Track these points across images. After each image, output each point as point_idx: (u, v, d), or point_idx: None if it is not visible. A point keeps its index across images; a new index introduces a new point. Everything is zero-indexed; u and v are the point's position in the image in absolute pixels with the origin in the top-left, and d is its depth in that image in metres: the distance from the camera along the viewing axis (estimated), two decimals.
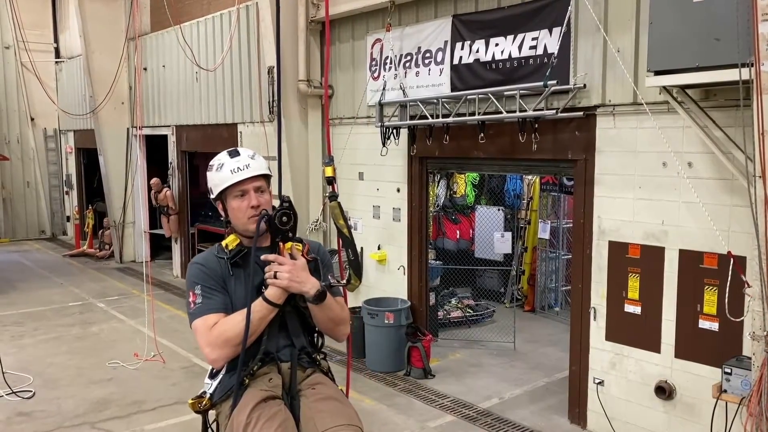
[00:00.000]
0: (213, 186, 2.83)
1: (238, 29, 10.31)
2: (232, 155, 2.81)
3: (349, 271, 3.41)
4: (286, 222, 2.70)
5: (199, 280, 2.76)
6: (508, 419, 6.30)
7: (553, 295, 10.20)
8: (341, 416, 2.66)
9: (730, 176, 4.84)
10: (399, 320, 7.57)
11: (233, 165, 2.77)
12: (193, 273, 2.79)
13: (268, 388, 2.73)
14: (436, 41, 7.29)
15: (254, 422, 2.56)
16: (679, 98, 4.88)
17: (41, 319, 9.94)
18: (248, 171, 2.76)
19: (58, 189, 18.34)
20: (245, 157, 2.80)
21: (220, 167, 2.80)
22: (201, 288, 2.73)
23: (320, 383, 2.84)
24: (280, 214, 2.69)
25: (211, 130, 11.67)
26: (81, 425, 6.23)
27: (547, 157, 6.36)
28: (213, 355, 2.68)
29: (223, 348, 2.65)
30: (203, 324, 2.70)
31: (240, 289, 2.77)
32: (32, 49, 16.40)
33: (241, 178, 2.75)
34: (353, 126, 8.50)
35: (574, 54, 5.93)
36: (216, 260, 2.81)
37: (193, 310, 2.74)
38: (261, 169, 2.81)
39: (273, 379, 2.76)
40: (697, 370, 5.20)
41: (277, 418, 2.59)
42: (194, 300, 2.73)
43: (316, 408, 2.70)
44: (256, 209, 2.74)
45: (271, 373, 2.77)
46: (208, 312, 2.71)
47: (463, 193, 11.02)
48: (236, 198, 2.77)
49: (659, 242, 5.39)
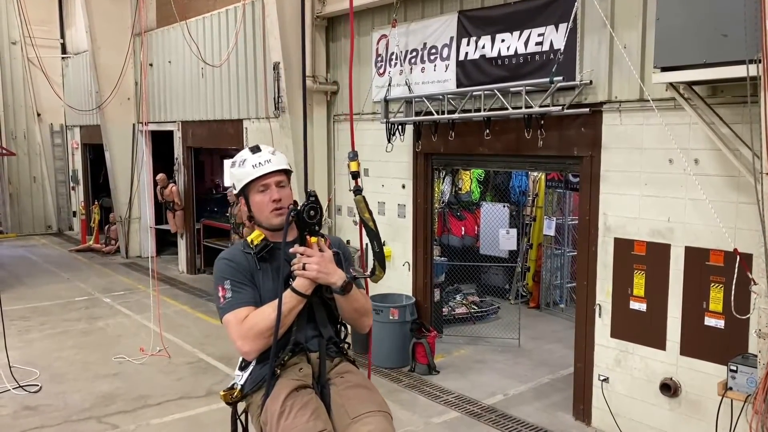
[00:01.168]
0: (236, 181, 2.94)
1: (244, 25, 10.31)
2: (254, 151, 2.92)
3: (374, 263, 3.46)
4: (314, 216, 2.75)
5: (228, 275, 2.81)
6: (512, 416, 6.30)
7: (558, 291, 10.19)
8: (371, 403, 2.74)
9: (736, 173, 4.82)
10: (404, 316, 7.59)
11: (255, 160, 2.87)
12: (222, 268, 2.85)
13: (299, 377, 2.78)
14: (441, 37, 7.28)
15: (288, 410, 2.62)
16: (686, 95, 4.86)
17: (48, 314, 9.99)
18: (269, 165, 2.87)
19: (64, 184, 18.42)
20: (266, 153, 2.90)
21: (243, 163, 2.90)
22: (230, 282, 2.79)
23: (348, 371, 2.92)
24: (308, 207, 2.74)
25: (216, 126, 11.69)
26: (87, 419, 6.26)
27: (552, 153, 6.34)
28: (245, 348, 2.73)
29: (255, 340, 2.71)
30: (234, 317, 2.75)
31: (268, 282, 2.84)
32: (39, 44, 16.45)
33: (262, 172, 2.85)
34: (358, 122, 8.49)
35: (581, 50, 5.91)
36: (243, 255, 2.87)
37: (224, 305, 2.78)
38: (281, 164, 2.91)
39: (303, 369, 2.82)
40: (702, 368, 5.19)
41: (309, 406, 2.65)
42: (224, 295, 2.78)
43: (347, 395, 2.77)
44: (278, 203, 2.84)
45: (301, 363, 2.84)
46: (239, 306, 2.76)
47: (468, 190, 11.02)
48: (258, 192, 2.87)
49: (665, 239, 5.38)
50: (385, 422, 2.69)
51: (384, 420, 2.69)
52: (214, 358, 7.98)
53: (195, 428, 6.12)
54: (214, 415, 6.35)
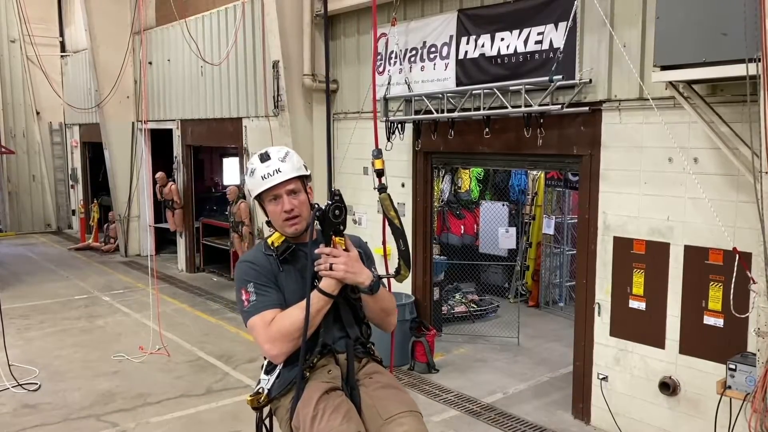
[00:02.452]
0: (248, 190, 2.88)
1: (243, 23, 10.31)
2: (263, 159, 2.80)
3: (399, 262, 3.43)
4: (339, 215, 2.70)
5: (251, 277, 2.75)
6: (512, 414, 6.31)
7: (558, 290, 10.19)
8: (402, 403, 2.72)
9: (736, 172, 4.82)
10: (403, 315, 7.58)
11: (264, 171, 2.77)
12: (244, 271, 2.78)
13: (329, 379, 2.75)
14: (441, 36, 7.27)
15: (321, 413, 2.59)
16: (686, 93, 4.86)
17: (47, 312, 9.99)
18: (279, 176, 2.76)
19: (63, 183, 18.41)
20: (275, 161, 2.78)
21: (252, 173, 2.81)
22: (254, 285, 2.73)
23: (377, 372, 2.90)
24: (332, 207, 2.69)
25: (216, 125, 11.68)
26: (87, 418, 6.26)
27: (552, 152, 6.34)
28: (274, 351, 2.68)
29: (284, 342, 2.66)
30: (261, 320, 2.69)
31: (291, 284, 2.79)
32: (38, 43, 16.46)
33: (271, 184, 2.76)
34: (358, 120, 8.50)
35: (580, 49, 5.90)
36: (265, 257, 2.82)
37: (248, 308, 2.72)
38: (292, 172, 2.79)
39: (332, 371, 2.79)
40: (701, 366, 5.19)
41: (341, 409, 2.62)
42: (248, 298, 2.72)
43: (377, 396, 2.74)
44: (290, 213, 2.77)
45: (330, 364, 2.80)
46: (265, 308, 2.71)
47: (467, 188, 11.01)
48: (270, 202, 2.80)
49: (664, 238, 5.38)
50: (418, 423, 2.67)
51: (417, 420, 2.68)
52: (213, 356, 7.99)
53: (194, 426, 6.12)
54: (213, 413, 6.36)
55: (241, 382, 7.07)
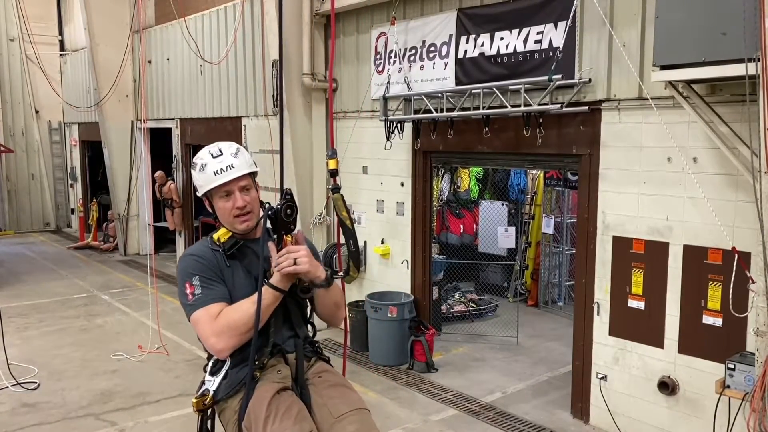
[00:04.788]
0: (198, 186, 2.84)
1: (243, 22, 10.30)
2: (215, 155, 2.78)
3: (348, 263, 3.47)
4: (290, 214, 2.73)
5: (196, 271, 2.73)
6: (510, 413, 6.31)
7: (557, 290, 10.19)
8: (352, 402, 2.75)
9: (735, 172, 4.82)
10: (402, 314, 7.58)
11: (216, 166, 2.75)
12: (189, 264, 2.76)
13: (279, 379, 2.75)
14: (441, 35, 7.27)
15: (273, 414, 2.59)
16: (685, 93, 4.86)
17: (46, 311, 9.98)
18: (232, 172, 2.75)
19: (62, 181, 18.38)
20: (228, 157, 2.77)
21: (203, 168, 2.78)
22: (200, 279, 2.71)
23: (326, 371, 2.91)
24: (285, 206, 2.71)
25: (215, 124, 11.67)
26: (86, 416, 6.26)
27: (551, 151, 6.34)
28: (219, 345, 2.66)
29: (231, 337, 2.64)
30: (206, 314, 2.68)
31: (239, 279, 2.78)
32: (37, 41, 16.44)
33: (224, 180, 2.74)
34: (357, 120, 8.49)
35: (580, 48, 5.91)
36: (211, 252, 2.80)
37: (192, 301, 2.70)
38: (245, 169, 2.79)
39: (282, 371, 2.79)
40: (700, 366, 5.20)
41: (293, 409, 2.63)
42: (192, 291, 2.70)
43: (328, 395, 2.76)
44: (242, 209, 2.76)
45: (279, 364, 2.80)
46: (211, 302, 2.69)
47: (467, 188, 11.01)
48: (221, 198, 2.78)
49: (663, 237, 5.38)
50: (369, 419, 2.73)
51: (368, 417, 2.73)
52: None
53: (193, 425, 6.08)
54: None
55: None
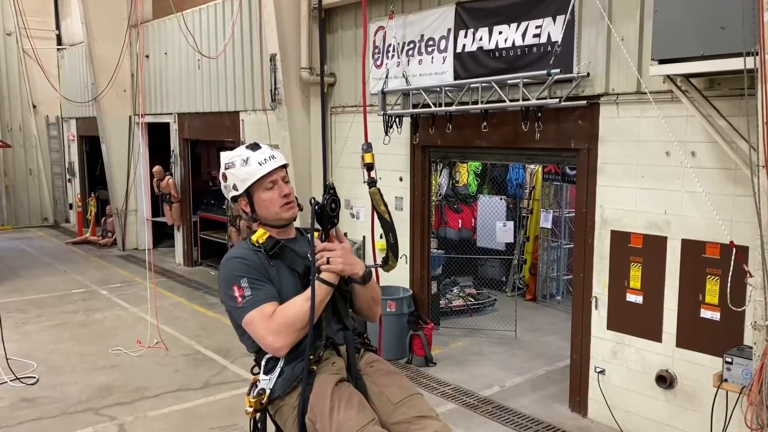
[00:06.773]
0: (239, 181, 2.82)
1: (241, 17, 10.26)
2: (254, 149, 2.85)
3: (387, 253, 3.50)
4: (335, 208, 2.74)
5: (243, 273, 2.72)
6: (509, 407, 6.33)
7: (555, 284, 10.21)
8: (407, 388, 2.82)
9: (733, 166, 4.82)
10: (401, 309, 7.60)
11: (260, 157, 2.81)
12: (235, 267, 2.75)
13: (335, 371, 2.77)
14: (439, 29, 7.25)
15: (337, 405, 2.61)
16: (683, 87, 4.86)
17: (45, 306, 9.98)
18: (275, 161, 2.83)
19: (60, 176, 18.35)
20: (267, 149, 2.87)
21: (246, 161, 2.81)
22: (248, 281, 2.70)
23: (376, 360, 2.96)
24: (329, 200, 2.72)
25: (213, 118, 11.65)
26: (84, 411, 6.27)
27: (549, 146, 6.34)
28: (278, 343, 2.65)
29: (289, 334, 2.64)
30: (260, 314, 2.66)
31: (284, 278, 2.79)
32: (34, 36, 16.37)
33: (271, 168, 2.80)
34: (356, 114, 8.48)
35: (578, 42, 5.89)
36: (253, 253, 2.80)
37: (243, 304, 2.68)
38: (283, 159, 2.88)
39: (336, 363, 2.81)
40: (698, 360, 5.21)
41: (354, 398, 2.66)
42: (242, 294, 2.69)
43: (383, 383, 2.81)
44: (288, 197, 2.83)
45: (332, 357, 2.82)
46: (262, 302, 2.68)
47: (465, 183, 11.01)
48: (267, 190, 2.81)
49: (662, 232, 5.39)
50: (426, 402, 2.79)
51: (424, 401, 2.79)
52: (211, 350, 7.99)
53: (192, 420, 6.13)
54: (210, 406, 6.37)
55: (239, 376, 7.08)
